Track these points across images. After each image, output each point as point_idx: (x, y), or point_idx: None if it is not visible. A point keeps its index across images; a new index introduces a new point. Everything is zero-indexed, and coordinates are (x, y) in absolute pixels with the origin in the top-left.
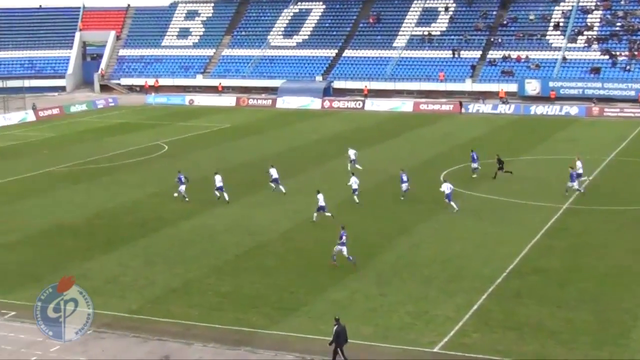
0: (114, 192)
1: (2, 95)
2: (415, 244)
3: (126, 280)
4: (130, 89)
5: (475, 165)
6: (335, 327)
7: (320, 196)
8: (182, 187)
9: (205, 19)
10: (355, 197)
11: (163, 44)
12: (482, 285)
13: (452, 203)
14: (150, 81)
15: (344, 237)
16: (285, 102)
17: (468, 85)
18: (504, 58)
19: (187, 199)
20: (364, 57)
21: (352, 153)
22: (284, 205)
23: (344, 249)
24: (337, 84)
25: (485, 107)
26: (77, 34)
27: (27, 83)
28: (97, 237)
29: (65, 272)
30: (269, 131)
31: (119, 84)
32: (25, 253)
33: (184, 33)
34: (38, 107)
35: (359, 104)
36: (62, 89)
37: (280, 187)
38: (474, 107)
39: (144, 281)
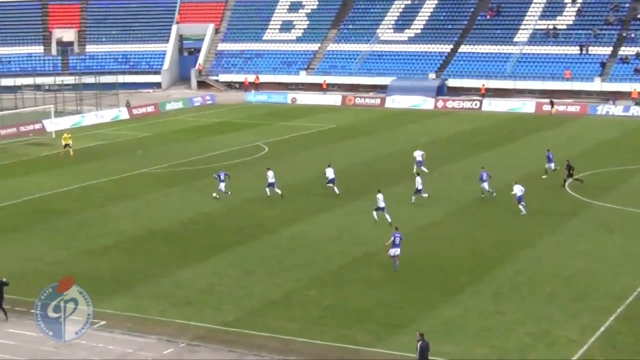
0: (210, 195)
1: (95, 91)
2: (537, 258)
3: (222, 290)
4: (229, 85)
5: (552, 166)
6: (419, 343)
7: (379, 196)
8: (222, 185)
9: (309, 11)
10: (421, 195)
11: (264, 37)
12: (610, 304)
13: (521, 206)
14: (250, 78)
15: (396, 239)
16: (395, 102)
17: (597, 85)
18: (638, 55)
19: (229, 193)
20: (482, 53)
21: (418, 154)
22: (393, 212)
23: (398, 251)
24: (452, 82)
25: (615, 109)
26: (174, 27)
27: (121, 79)
28: (192, 244)
29: (158, 280)
30: (377, 132)
31: (217, 81)
32: (116, 259)
33: (286, 26)
34: (132, 104)
35: (476, 104)
36: (157, 85)
37: (334, 188)
38: (603, 109)
39: (241, 291)
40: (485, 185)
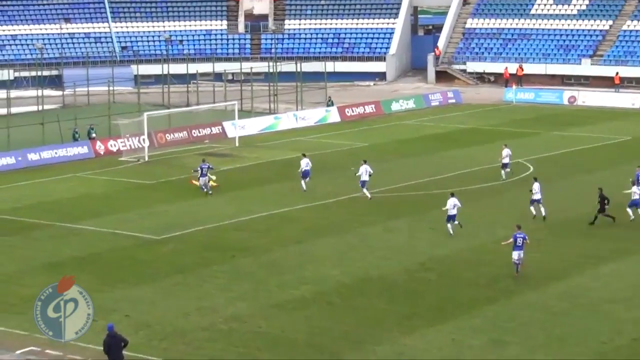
0: (447, 233)
1: (295, 83)
2: None
3: None
4: (481, 78)
5: None
6: None
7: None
8: (203, 180)
9: None
10: (539, 207)
11: (532, 11)
12: None
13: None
14: (512, 67)
15: (519, 240)
16: None
17: None
18: None
19: (210, 193)
20: None
21: (505, 153)
22: None
23: (522, 253)
24: None
25: None
26: None
27: (331, 66)
28: (422, 299)
29: (372, 348)
30: None
31: (463, 71)
32: (317, 316)
33: None
34: (341, 102)
35: None
36: (381, 76)
37: (365, 191)
38: None
39: None
40: None
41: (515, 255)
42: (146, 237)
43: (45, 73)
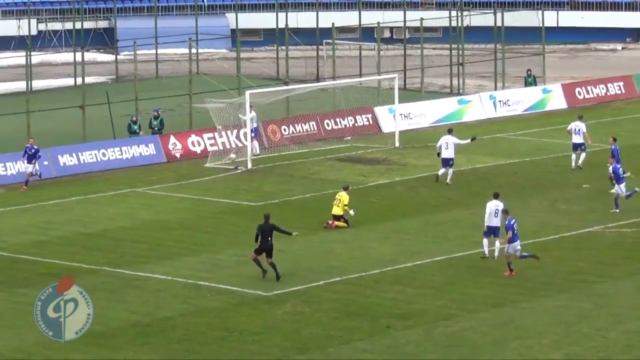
0: None
1: (490, 44)
2: None
3: None
4: None
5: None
6: None
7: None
8: (30, 167)
9: None
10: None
11: None
12: None
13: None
14: None
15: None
16: None
17: None
18: None
19: (26, 186)
20: None
21: (576, 127)
22: None
23: (518, 246)
24: None
25: None
26: None
27: (551, 18)
28: None
29: None
30: None
31: None
32: None
33: None
34: (568, 77)
35: None
36: (635, 35)
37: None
38: None
39: None
40: None
41: (511, 249)
42: (249, 292)
43: (88, 25)
